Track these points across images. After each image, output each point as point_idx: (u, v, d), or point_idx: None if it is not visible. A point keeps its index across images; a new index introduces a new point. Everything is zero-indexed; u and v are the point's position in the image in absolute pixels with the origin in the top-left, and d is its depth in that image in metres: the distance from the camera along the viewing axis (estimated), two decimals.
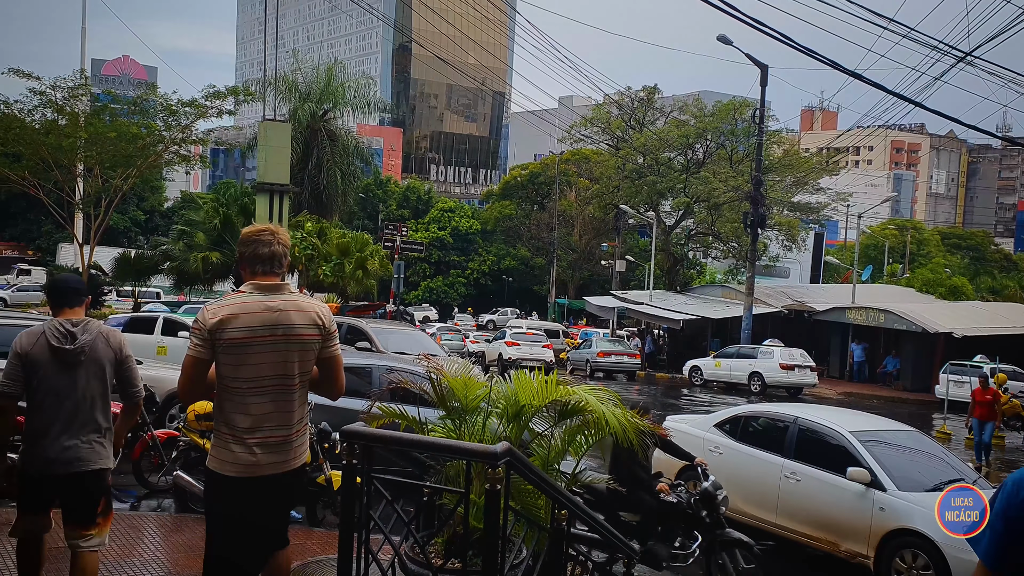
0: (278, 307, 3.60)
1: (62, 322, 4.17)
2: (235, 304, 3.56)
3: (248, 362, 3.54)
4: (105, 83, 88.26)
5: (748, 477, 9.34)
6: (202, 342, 3.49)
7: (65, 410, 4.11)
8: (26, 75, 28.87)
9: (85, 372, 4.16)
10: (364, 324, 17.33)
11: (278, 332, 3.58)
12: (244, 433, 3.57)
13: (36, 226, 62.03)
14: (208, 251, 33.19)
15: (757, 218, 31.03)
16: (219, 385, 3.59)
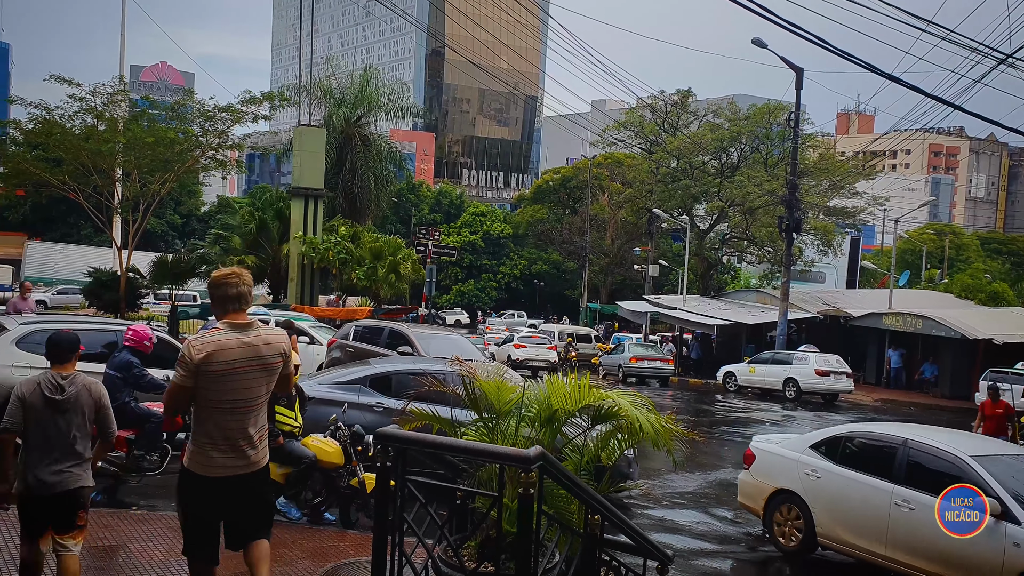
0: (251, 343, 4.27)
1: (54, 375, 5.09)
2: (215, 342, 4.20)
3: (226, 388, 4.21)
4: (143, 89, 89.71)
5: (852, 504, 8.59)
6: (188, 374, 4.17)
7: (53, 446, 4.97)
8: (67, 81, 29.37)
9: (70, 416, 5.02)
10: (406, 329, 17.34)
11: (252, 363, 4.28)
12: (221, 441, 4.24)
13: (76, 230, 63.10)
14: (244, 254, 33.56)
15: (792, 222, 30.72)
16: (199, 405, 4.25)
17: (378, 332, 17.51)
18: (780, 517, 9.30)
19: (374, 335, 17.46)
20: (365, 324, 19.11)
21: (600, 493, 5.32)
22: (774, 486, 9.38)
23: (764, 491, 9.33)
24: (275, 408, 8.08)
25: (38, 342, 10.75)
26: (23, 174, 31.92)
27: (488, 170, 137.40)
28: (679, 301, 39.93)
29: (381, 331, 17.49)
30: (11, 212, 64.51)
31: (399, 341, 16.48)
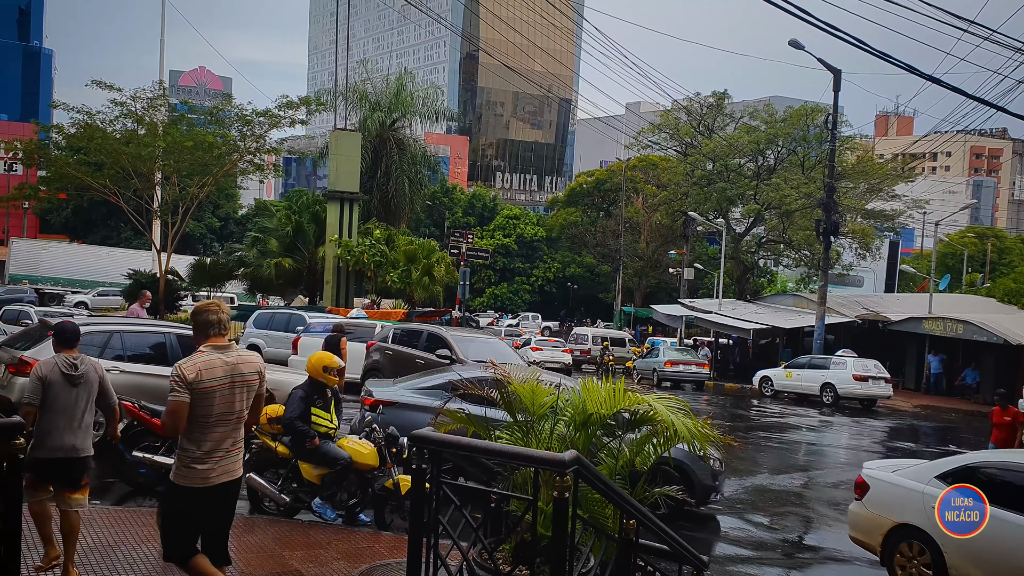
0: (232, 362, 4.80)
1: (68, 357, 6.11)
2: (202, 362, 4.72)
3: (213, 403, 4.72)
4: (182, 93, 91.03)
5: (996, 546, 7.39)
6: (184, 390, 4.66)
7: (68, 414, 5.95)
8: (108, 86, 29.91)
9: (81, 390, 6.04)
10: (445, 332, 17.33)
11: (236, 379, 4.80)
12: (205, 454, 4.73)
13: (116, 232, 64.13)
14: (281, 257, 33.88)
15: (830, 226, 30.37)
16: (191, 419, 4.70)
17: (416, 335, 17.53)
18: (903, 558, 8.28)
19: (412, 338, 17.49)
20: (404, 327, 19.15)
21: (635, 497, 5.30)
22: (894, 520, 8.44)
23: (882, 526, 8.51)
24: (311, 410, 8.16)
25: (88, 343, 10.95)
26: (65, 178, 32.59)
27: (522, 173, 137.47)
28: (715, 305, 39.63)
29: (419, 334, 17.52)
30: (53, 215, 65.87)
31: (437, 344, 16.49)
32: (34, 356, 10.62)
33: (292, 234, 35.30)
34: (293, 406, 8.12)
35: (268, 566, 6.75)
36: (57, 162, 32.25)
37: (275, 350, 22.17)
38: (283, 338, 22.78)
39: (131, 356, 11.38)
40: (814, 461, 17.06)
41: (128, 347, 11.45)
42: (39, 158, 33.26)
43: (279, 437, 8.35)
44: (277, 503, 8.27)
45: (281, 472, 8.35)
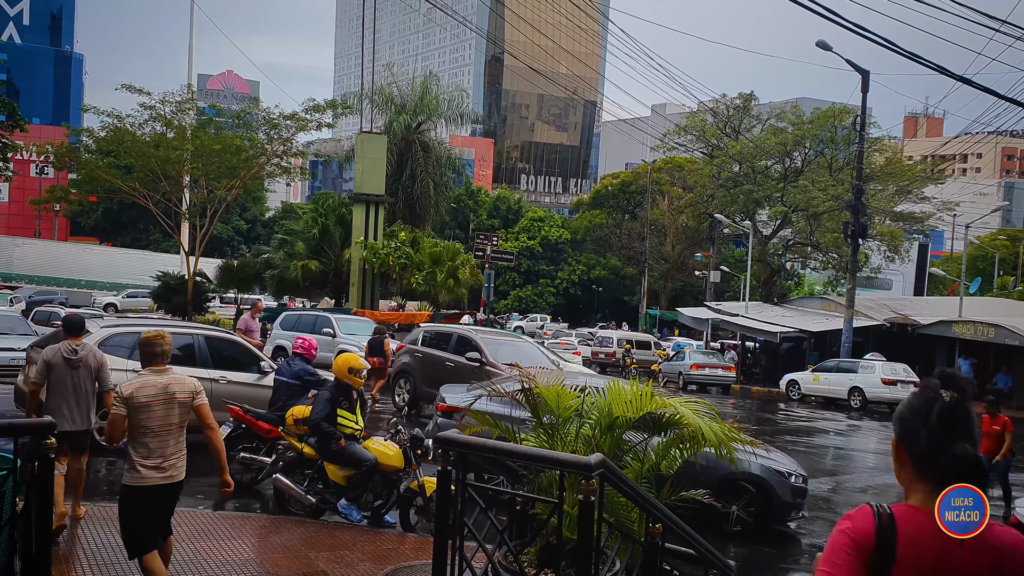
0: (166, 383, 5.54)
1: (70, 343, 7.24)
2: (139, 383, 5.51)
3: (150, 416, 5.45)
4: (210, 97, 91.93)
5: None
6: (121, 405, 5.43)
7: (69, 392, 7.10)
8: (137, 90, 30.24)
9: (80, 371, 7.16)
10: (474, 334, 17.20)
11: (168, 398, 5.51)
12: (145, 459, 5.42)
13: (145, 235, 64.88)
14: (307, 259, 34.08)
15: (858, 228, 30.07)
16: (131, 430, 5.45)
17: (446, 338, 17.41)
18: None
19: (442, 340, 17.38)
20: (434, 329, 19.07)
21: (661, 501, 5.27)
22: None
23: None
24: (338, 412, 8.20)
25: (118, 344, 11.13)
26: (95, 180, 33.01)
27: (546, 175, 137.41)
28: (741, 308, 39.38)
29: (449, 337, 17.40)
30: (84, 218, 66.78)
31: (467, 347, 16.38)
32: None
33: (318, 236, 35.50)
34: (319, 407, 8.16)
35: (294, 567, 6.79)
36: (87, 165, 32.67)
37: None
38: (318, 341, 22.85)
39: None
40: (842, 466, 16.89)
41: None
42: (70, 161, 33.72)
43: (305, 438, 8.39)
44: (303, 504, 8.31)
45: (307, 473, 8.40)
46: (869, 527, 2.28)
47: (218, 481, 5.85)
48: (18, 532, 4.50)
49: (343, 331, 22.68)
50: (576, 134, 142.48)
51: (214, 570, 6.46)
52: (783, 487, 9.77)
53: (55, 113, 75.13)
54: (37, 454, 4.36)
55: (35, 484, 4.38)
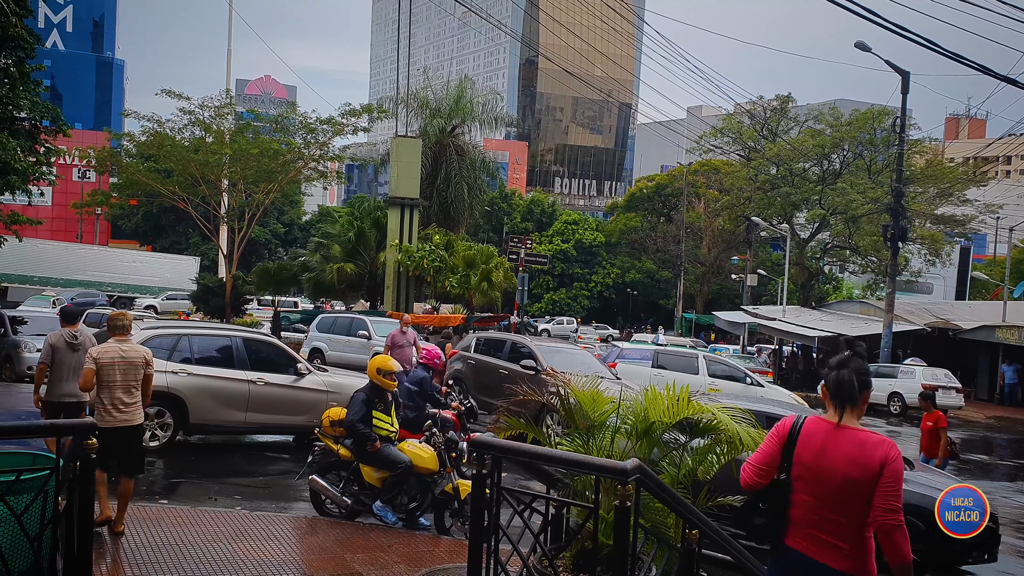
0: (123, 349, 7.37)
1: (69, 330, 8.52)
2: (104, 348, 7.37)
3: (110, 373, 7.25)
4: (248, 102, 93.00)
5: None
6: (92, 363, 7.22)
7: (70, 372, 8.25)
8: (177, 96, 30.68)
9: (79, 354, 8.20)
10: (529, 342, 16.88)
11: (125, 360, 7.33)
12: (110, 405, 7.22)
13: (184, 238, 65.70)
14: (343, 263, 34.31)
15: (898, 231, 29.63)
16: (99, 384, 7.23)
17: (500, 344, 17.15)
18: None
19: (496, 347, 17.13)
20: (486, 336, 18.90)
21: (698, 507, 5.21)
22: None
23: None
24: (372, 413, 8.24)
25: (157, 346, 11.28)
26: (136, 184, 33.54)
27: (581, 178, 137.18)
28: (779, 312, 38.99)
29: (503, 344, 17.13)
30: (125, 221, 67.84)
31: (521, 354, 16.06)
32: None
33: (354, 240, 35.73)
34: (355, 408, 8.20)
35: (330, 568, 6.82)
36: (128, 169, 33.20)
37: (337, 353, 22.42)
38: (344, 342, 23.01)
39: (198, 359, 11.63)
40: None
41: (196, 350, 11.69)
42: (111, 165, 34.30)
43: (341, 440, 8.44)
44: (339, 505, 8.35)
45: (343, 474, 8.44)
46: (787, 424, 3.82)
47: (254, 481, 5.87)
48: (61, 531, 4.57)
49: (378, 333, 22.81)
50: (611, 137, 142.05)
51: (252, 570, 6.52)
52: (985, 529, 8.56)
53: (97, 118, 76.45)
54: (79, 454, 4.43)
55: (76, 484, 4.45)
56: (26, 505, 4.33)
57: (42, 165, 20.48)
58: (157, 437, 11.12)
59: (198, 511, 8.24)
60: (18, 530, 4.30)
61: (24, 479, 4.42)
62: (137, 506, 8.23)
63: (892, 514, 3.48)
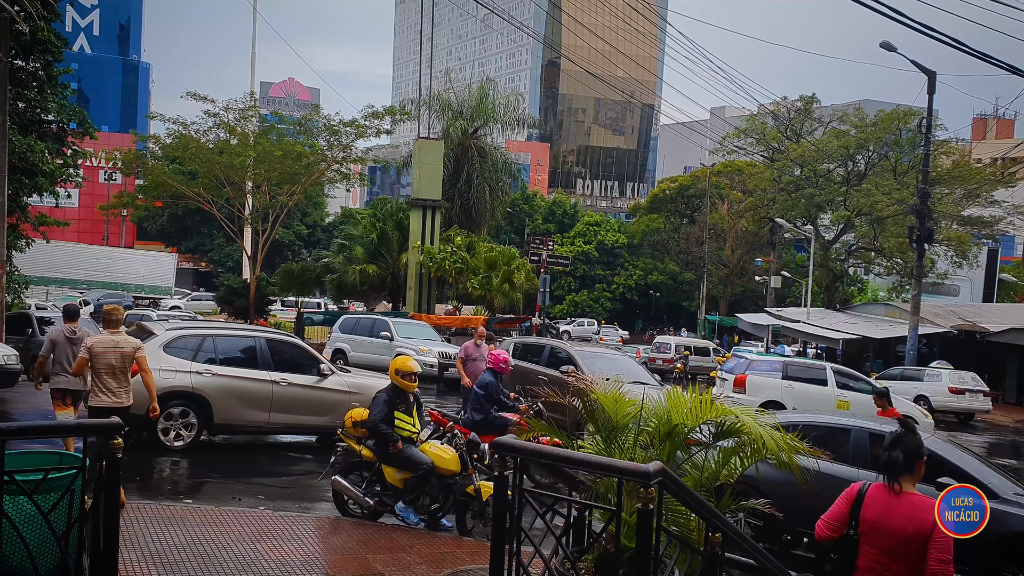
0: (116, 340, 8.38)
1: (69, 326, 9.57)
2: (99, 339, 8.41)
3: (102, 360, 8.25)
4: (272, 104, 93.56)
5: None
6: (86, 352, 8.29)
7: (68, 362, 9.13)
8: (202, 98, 30.96)
9: (77, 347, 8.95)
10: (570, 347, 16.61)
11: (116, 349, 8.32)
12: (101, 389, 8.25)
13: (209, 239, 66.18)
14: (365, 264, 34.47)
15: (924, 233, 29.31)
16: (93, 370, 8.26)
17: (538, 350, 16.98)
18: None
19: (534, 353, 16.95)
20: (524, 341, 18.76)
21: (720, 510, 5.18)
22: None
23: None
24: (394, 414, 8.26)
25: (182, 347, 11.41)
26: (161, 186, 33.87)
27: (603, 179, 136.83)
28: (803, 314, 38.71)
29: (542, 349, 16.94)
30: (150, 222, 68.46)
31: (561, 359, 15.86)
32: None
33: (376, 241, 35.88)
34: (377, 409, 8.22)
35: (352, 568, 6.85)
36: (154, 171, 33.53)
37: (359, 354, 22.51)
38: (367, 342, 23.10)
39: (223, 360, 11.71)
40: None
41: (220, 351, 11.77)
42: (137, 167, 34.66)
43: (364, 440, 8.46)
44: (361, 506, 8.38)
45: (365, 475, 8.47)
46: (855, 490, 4.45)
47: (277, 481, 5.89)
48: (87, 529, 4.61)
49: (400, 334, 22.87)
50: (633, 138, 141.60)
51: (274, 570, 6.55)
52: None
53: (123, 120, 77.23)
54: (105, 454, 4.47)
55: (102, 483, 4.49)
56: (53, 504, 4.38)
57: (69, 167, 20.72)
58: (182, 437, 11.22)
59: (222, 510, 8.30)
60: (46, 528, 4.35)
61: (51, 478, 4.47)
62: (162, 505, 8.32)
63: (944, 565, 4.12)
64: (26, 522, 4.32)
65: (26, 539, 4.32)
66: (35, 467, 4.75)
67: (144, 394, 8.58)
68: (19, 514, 4.31)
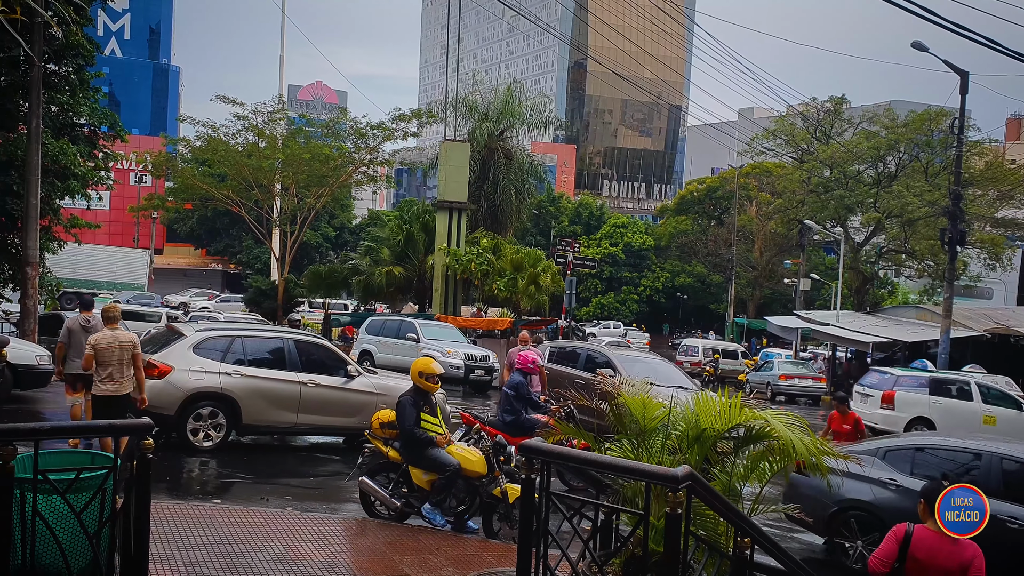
0: (115, 336, 9.43)
1: (84, 315, 10.67)
2: (101, 335, 9.42)
3: (107, 354, 9.31)
4: (300, 107, 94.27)
5: None
6: (91, 348, 9.29)
7: (82, 349, 9.76)
8: (231, 101, 31.26)
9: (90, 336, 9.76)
10: (607, 351, 16.50)
11: (116, 345, 9.37)
12: (103, 379, 9.33)
13: (238, 241, 66.76)
14: (392, 266, 34.57)
15: (956, 235, 28.92)
16: (97, 362, 9.27)
17: (574, 355, 16.82)
18: None
19: (570, 358, 16.79)
20: (560, 345, 18.61)
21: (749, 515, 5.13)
22: None
23: None
24: (421, 416, 8.28)
25: (211, 348, 11.50)
26: (191, 188, 34.26)
27: (630, 181, 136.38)
28: (832, 317, 38.31)
29: (578, 354, 16.77)
30: (180, 224, 69.24)
31: (597, 364, 15.66)
32: (161, 360, 11.15)
33: (403, 243, 35.98)
34: (406, 414, 8.22)
35: (379, 569, 6.87)
36: (183, 173, 33.90)
37: (386, 356, 22.58)
38: (394, 344, 23.17)
39: (251, 361, 11.79)
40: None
41: (248, 352, 11.86)
42: (167, 170, 35.07)
43: (390, 442, 8.49)
44: (388, 507, 8.40)
45: (392, 476, 8.48)
46: (902, 530, 5.14)
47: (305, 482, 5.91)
48: (117, 529, 4.66)
49: (426, 336, 22.94)
50: (660, 139, 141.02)
51: (303, 570, 6.59)
52: None
53: (153, 123, 78.17)
54: (136, 454, 4.51)
55: (133, 483, 4.53)
56: (86, 503, 4.43)
57: (100, 170, 20.97)
58: (211, 437, 11.30)
59: (250, 511, 8.35)
60: (78, 527, 4.40)
61: (84, 477, 4.52)
62: (191, 505, 8.39)
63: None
64: (59, 521, 4.38)
65: (59, 538, 4.38)
66: (68, 466, 4.80)
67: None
68: (52, 513, 4.37)
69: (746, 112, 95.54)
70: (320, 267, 41.08)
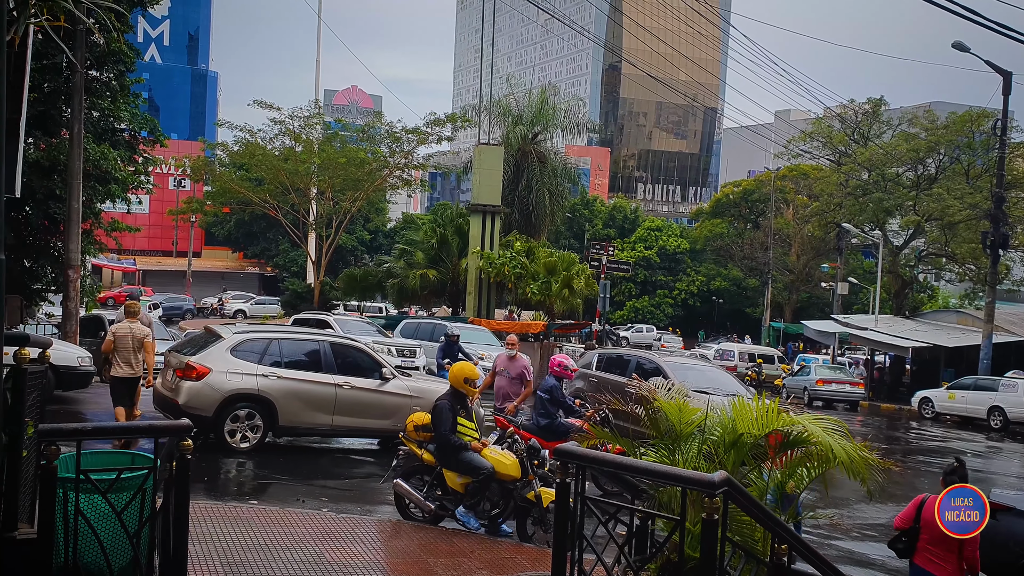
0: (131, 327, 11.33)
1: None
2: (119, 325, 11.55)
3: (124, 342, 11.25)
4: (336, 112, 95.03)
5: None
6: (111, 336, 11.38)
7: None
8: (267, 106, 31.64)
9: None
10: (658, 359, 16.04)
11: (131, 334, 11.28)
12: (120, 363, 11.23)
13: (274, 244, 67.44)
14: (426, 269, 34.72)
15: (998, 238, 28.43)
16: (115, 349, 11.21)
17: (624, 362, 16.41)
18: None
19: (619, 365, 16.41)
20: (608, 353, 18.47)
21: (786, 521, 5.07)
22: None
23: None
24: (457, 419, 8.30)
25: (248, 350, 11.62)
26: (228, 192, 34.69)
27: (664, 184, 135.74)
28: (870, 321, 37.82)
29: (627, 361, 16.34)
30: (218, 228, 70.17)
31: (647, 372, 14.87)
32: (200, 361, 11.28)
33: (437, 246, 36.13)
34: (443, 419, 8.23)
35: (413, 572, 6.89)
36: (221, 178, 34.35)
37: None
38: (430, 348, 23.23)
39: (288, 363, 11.89)
40: (980, 488, 15.89)
41: (285, 354, 11.97)
42: (205, 174, 35.56)
43: (425, 444, 8.51)
44: (422, 509, 8.43)
45: (426, 479, 8.50)
46: (920, 498, 6.04)
47: None
48: (157, 529, 4.72)
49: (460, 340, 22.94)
50: (695, 141, 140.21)
51: (337, 572, 6.63)
52: None
53: (192, 128, 79.27)
54: (175, 455, 4.57)
55: (172, 484, 4.59)
56: (126, 502, 4.50)
57: (140, 174, 21.32)
58: (247, 439, 11.42)
59: (286, 512, 8.42)
60: (119, 527, 4.46)
61: (124, 477, 4.59)
62: (228, 505, 8.48)
63: (974, 551, 5.92)
64: (100, 520, 4.45)
65: (100, 536, 4.45)
66: (109, 467, 4.87)
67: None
68: (94, 512, 4.44)
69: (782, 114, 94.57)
70: (355, 270, 41.36)
